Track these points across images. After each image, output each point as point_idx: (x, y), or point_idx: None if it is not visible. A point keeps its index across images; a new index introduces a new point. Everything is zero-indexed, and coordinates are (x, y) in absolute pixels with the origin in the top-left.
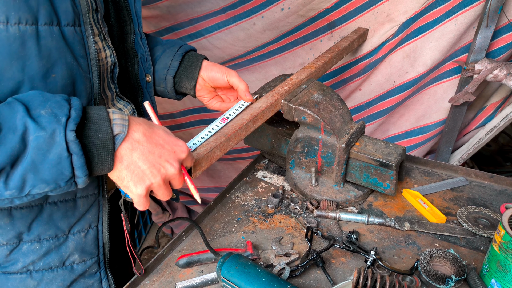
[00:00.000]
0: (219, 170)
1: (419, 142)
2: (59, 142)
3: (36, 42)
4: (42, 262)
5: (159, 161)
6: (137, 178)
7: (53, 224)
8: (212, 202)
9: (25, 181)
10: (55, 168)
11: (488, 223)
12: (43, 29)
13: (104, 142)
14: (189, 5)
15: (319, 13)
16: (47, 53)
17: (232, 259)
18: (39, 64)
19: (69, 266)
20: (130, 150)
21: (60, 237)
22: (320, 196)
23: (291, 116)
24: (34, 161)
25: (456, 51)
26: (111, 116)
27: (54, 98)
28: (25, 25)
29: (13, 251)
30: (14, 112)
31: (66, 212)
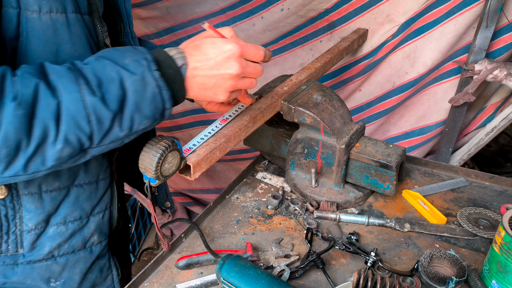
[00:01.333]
0: (219, 171)
1: (419, 142)
2: (150, 81)
3: (67, 28)
4: (67, 245)
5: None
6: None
7: (79, 205)
8: (211, 204)
9: (133, 120)
10: (152, 104)
11: (488, 224)
12: (71, 16)
13: (175, 75)
14: (188, 6)
15: (319, 14)
16: (77, 39)
17: (232, 260)
18: (71, 49)
19: (88, 249)
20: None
21: (83, 219)
22: (320, 197)
23: (291, 117)
24: (136, 101)
25: (456, 52)
26: (170, 53)
27: (127, 49)
28: (56, 14)
29: (41, 235)
30: (105, 65)
31: (90, 194)
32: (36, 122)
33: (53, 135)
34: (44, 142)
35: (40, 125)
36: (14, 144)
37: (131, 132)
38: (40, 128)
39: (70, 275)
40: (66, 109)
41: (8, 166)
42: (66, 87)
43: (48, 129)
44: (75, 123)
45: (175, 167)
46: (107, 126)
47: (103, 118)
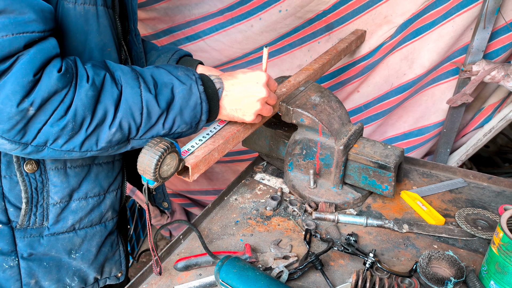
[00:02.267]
0: (217, 173)
1: (417, 143)
2: (195, 92)
3: (96, 20)
4: (86, 219)
5: (250, 95)
6: (242, 111)
7: (98, 182)
8: (210, 205)
9: (175, 122)
10: (193, 112)
11: (486, 225)
12: (100, 9)
13: (213, 94)
14: (186, 7)
15: (317, 15)
16: (104, 29)
17: (231, 262)
18: (98, 39)
19: (103, 223)
20: (228, 97)
21: (101, 195)
22: (319, 198)
23: (289, 118)
24: (181, 106)
25: (453, 53)
26: (210, 77)
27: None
28: (89, 5)
29: (64, 209)
30: (161, 73)
31: (107, 172)
32: (100, 105)
33: (110, 118)
34: (102, 123)
35: (102, 108)
36: (80, 120)
37: (169, 132)
38: (102, 111)
39: (88, 247)
40: (125, 99)
41: (69, 140)
42: (128, 82)
43: (108, 113)
44: (130, 112)
45: (173, 169)
46: (154, 121)
47: (152, 113)
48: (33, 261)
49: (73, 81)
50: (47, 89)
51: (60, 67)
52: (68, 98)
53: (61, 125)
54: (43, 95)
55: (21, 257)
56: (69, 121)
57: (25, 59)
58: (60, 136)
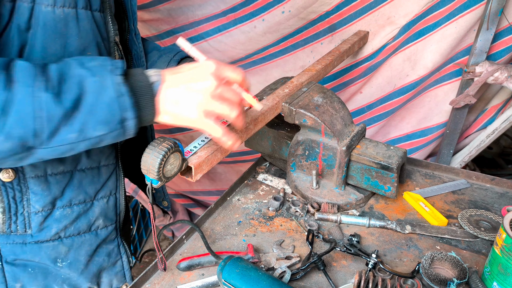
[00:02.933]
0: (220, 173)
1: (420, 144)
2: (109, 85)
3: (76, 23)
4: (72, 227)
5: (194, 83)
6: (185, 106)
7: (83, 189)
8: (213, 205)
9: (85, 123)
10: (108, 109)
11: (489, 226)
12: (81, 12)
13: (145, 88)
14: (190, 8)
15: (320, 16)
16: (84, 33)
17: (233, 262)
18: (78, 42)
19: (94, 232)
20: (167, 86)
21: (87, 202)
22: (321, 199)
23: (292, 119)
24: (91, 103)
25: (456, 54)
26: (146, 72)
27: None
28: (68, 8)
29: (48, 217)
30: (70, 65)
31: (92, 178)
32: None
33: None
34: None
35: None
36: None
37: (84, 137)
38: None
39: (76, 256)
40: (14, 102)
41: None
42: (22, 80)
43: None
44: (19, 117)
45: (177, 169)
46: (56, 125)
47: (52, 115)
48: (17, 266)
49: None
50: None
51: None
52: None
53: None
54: None
55: (5, 262)
56: None
57: None
58: None
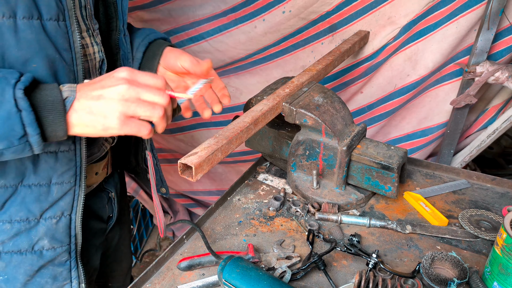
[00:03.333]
0: (220, 173)
1: (420, 144)
2: (8, 99)
3: (14, 34)
4: (11, 243)
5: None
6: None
7: (25, 206)
8: (213, 205)
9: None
10: (6, 124)
11: (490, 226)
12: (21, 22)
13: (54, 103)
14: (190, 8)
15: (320, 16)
16: (26, 44)
17: (234, 262)
18: (18, 53)
19: (38, 251)
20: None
21: (31, 220)
22: (322, 199)
23: (292, 118)
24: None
25: (457, 54)
26: (61, 87)
27: (9, 70)
28: (3, 18)
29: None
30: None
31: (39, 196)
32: None
33: None
34: None
35: None
36: None
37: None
38: None
39: (14, 273)
40: None
41: None
42: None
43: None
44: None
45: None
46: None
47: None
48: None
49: None
50: None
51: None
52: None
53: None
54: None
55: None
56: None
57: None
58: None
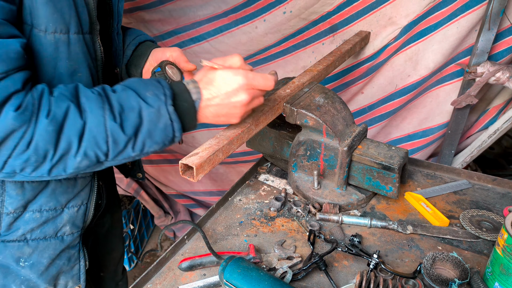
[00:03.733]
0: (222, 174)
1: (421, 145)
2: (164, 114)
3: (67, 47)
4: (39, 231)
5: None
6: (226, 119)
7: (55, 197)
8: (214, 205)
9: (144, 145)
10: (163, 133)
11: (491, 226)
12: (73, 37)
13: (189, 108)
14: (191, 8)
15: (321, 16)
16: (75, 56)
17: (235, 262)
18: (68, 64)
19: (60, 237)
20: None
21: (57, 209)
22: (323, 199)
23: (293, 119)
24: (149, 130)
25: (458, 54)
26: (187, 87)
27: (151, 82)
28: (59, 34)
29: (17, 219)
30: (129, 96)
31: (67, 188)
32: (63, 137)
33: (74, 149)
34: (67, 154)
35: (65, 140)
36: (42, 153)
37: (141, 153)
38: (65, 142)
39: (39, 258)
40: (89, 130)
41: (35, 169)
42: (93, 111)
43: (72, 144)
44: (95, 141)
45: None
46: (121, 147)
47: (118, 141)
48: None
49: (33, 118)
50: (4, 129)
51: (19, 105)
52: (28, 135)
53: (24, 158)
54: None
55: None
56: (31, 155)
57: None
58: (26, 167)
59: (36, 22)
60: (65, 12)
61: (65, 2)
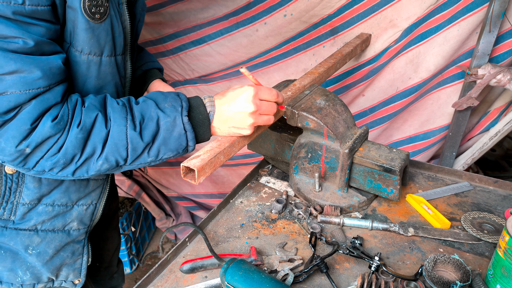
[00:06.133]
0: (223, 176)
1: (423, 147)
2: (179, 124)
3: (97, 67)
4: (49, 223)
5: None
6: (237, 128)
7: (67, 194)
8: (216, 208)
9: (159, 151)
10: (177, 141)
11: (492, 229)
12: (105, 59)
13: (203, 120)
14: (192, 12)
15: (322, 19)
16: (104, 75)
17: (236, 264)
18: (96, 82)
19: (67, 231)
20: (220, 117)
21: (68, 205)
22: (324, 201)
23: (295, 121)
24: (165, 137)
25: (459, 57)
26: (204, 101)
27: (170, 95)
28: (93, 56)
29: (31, 210)
30: (149, 106)
31: (79, 187)
32: (89, 143)
33: (98, 153)
34: (91, 158)
35: (91, 146)
36: (70, 157)
37: (156, 159)
38: (91, 148)
39: (46, 248)
40: (112, 137)
41: (62, 169)
42: (116, 120)
43: (96, 149)
44: (116, 148)
45: None
46: (139, 153)
47: (137, 147)
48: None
49: (67, 127)
50: (41, 135)
51: (56, 115)
52: (61, 141)
53: (54, 160)
54: (37, 140)
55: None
56: (61, 158)
57: (26, 110)
58: (54, 167)
59: (74, 43)
60: (101, 38)
61: (103, 30)
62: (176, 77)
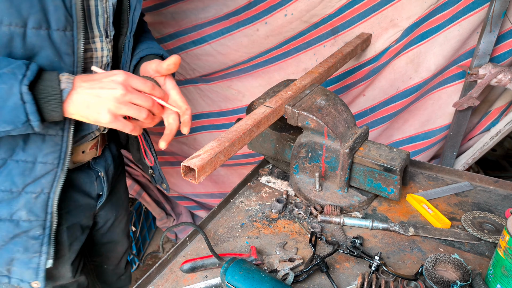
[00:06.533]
0: (223, 176)
1: (423, 147)
2: (15, 93)
3: (22, 39)
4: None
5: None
6: (95, 111)
7: (11, 178)
8: (216, 207)
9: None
10: (13, 112)
11: (493, 228)
12: (30, 31)
13: (53, 94)
14: (193, 11)
15: (322, 19)
16: (30, 46)
17: (236, 264)
18: (23, 53)
19: (15, 221)
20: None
21: (14, 192)
22: (324, 201)
23: (295, 121)
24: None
25: (460, 56)
26: (60, 77)
27: (17, 62)
28: (15, 27)
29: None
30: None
31: (24, 171)
32: None
33: None
34: None
35: None
36: None
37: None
38: None
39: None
40: None
41: None
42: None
43: None
44: None
45: None
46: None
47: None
48: None
49: None
50: None
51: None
52: None
53: None
54: None
55: None
56: None
57: None
58: None
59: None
60: (23, 8)
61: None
62: (176, 77)
